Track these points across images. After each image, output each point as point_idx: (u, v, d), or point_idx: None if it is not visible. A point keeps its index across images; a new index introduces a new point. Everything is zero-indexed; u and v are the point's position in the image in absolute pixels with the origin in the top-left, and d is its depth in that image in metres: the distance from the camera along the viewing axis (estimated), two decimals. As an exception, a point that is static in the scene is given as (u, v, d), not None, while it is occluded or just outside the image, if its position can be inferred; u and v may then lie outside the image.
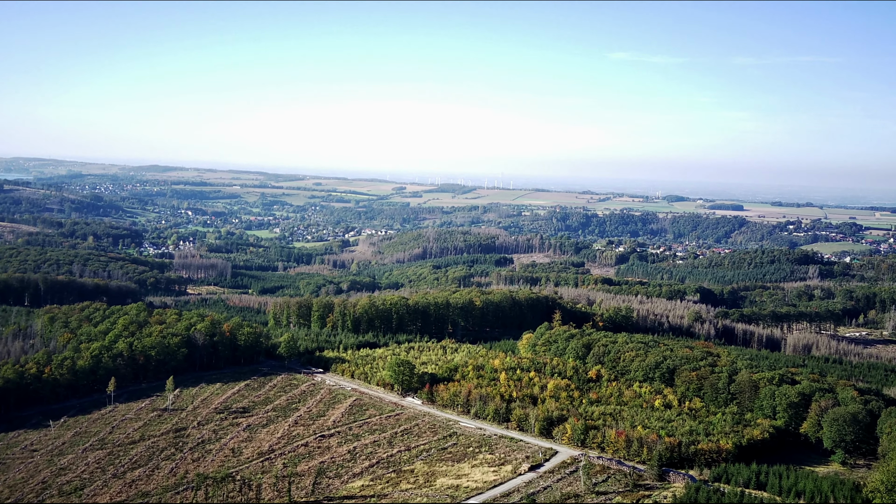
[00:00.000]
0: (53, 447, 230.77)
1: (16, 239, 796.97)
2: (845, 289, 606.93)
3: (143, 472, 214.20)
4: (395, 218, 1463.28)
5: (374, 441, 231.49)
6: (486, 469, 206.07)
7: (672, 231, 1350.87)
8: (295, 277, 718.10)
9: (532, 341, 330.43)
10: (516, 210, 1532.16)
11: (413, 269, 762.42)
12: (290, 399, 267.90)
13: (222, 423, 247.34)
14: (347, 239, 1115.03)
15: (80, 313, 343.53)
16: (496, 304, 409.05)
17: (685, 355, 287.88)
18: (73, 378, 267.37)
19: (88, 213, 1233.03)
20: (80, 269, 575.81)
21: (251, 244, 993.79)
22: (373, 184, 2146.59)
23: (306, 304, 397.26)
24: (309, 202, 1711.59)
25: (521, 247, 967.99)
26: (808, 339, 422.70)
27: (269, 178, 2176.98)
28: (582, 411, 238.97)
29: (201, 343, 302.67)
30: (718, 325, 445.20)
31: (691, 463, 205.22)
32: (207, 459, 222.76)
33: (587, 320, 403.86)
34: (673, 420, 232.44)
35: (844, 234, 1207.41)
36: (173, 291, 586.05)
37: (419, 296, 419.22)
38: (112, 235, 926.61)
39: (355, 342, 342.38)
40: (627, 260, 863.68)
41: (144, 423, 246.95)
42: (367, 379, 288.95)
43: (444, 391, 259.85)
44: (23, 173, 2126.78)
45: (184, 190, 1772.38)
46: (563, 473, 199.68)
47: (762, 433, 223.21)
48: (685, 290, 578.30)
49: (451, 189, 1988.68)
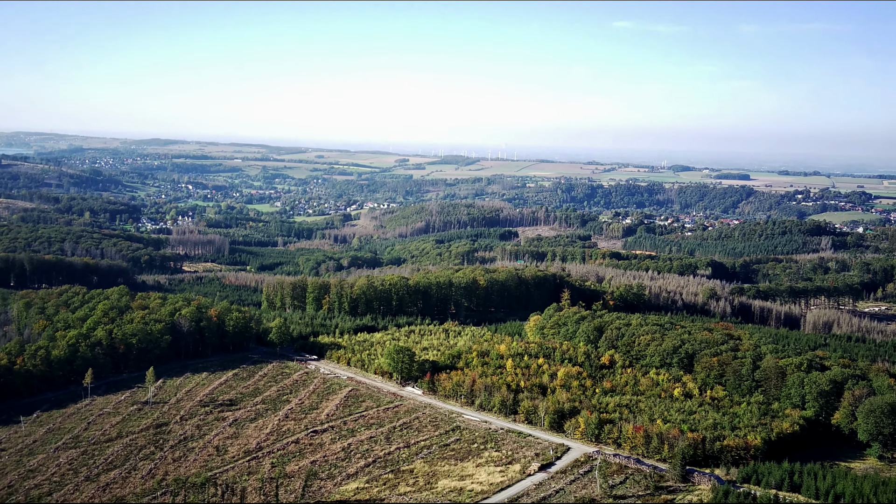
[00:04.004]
0: (23, 446, 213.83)
1: (11, 215, 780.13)
2: (861, 261, 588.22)
3: (118, 475, 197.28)
4: (397, 191, 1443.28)
5: (371, 437, 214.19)
6: (491, 469, 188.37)
7: (679, 202, 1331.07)
8: (294, 253, 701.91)
9: (540, 324, 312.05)
10: (520, 182, 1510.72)
11: (416, 244, 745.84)
12: (280, 390, 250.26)
13: (207, 417, 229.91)
14: (349, 213, 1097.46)
15: (57, 298, 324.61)
16: (501, 283, 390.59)
17: (704, 339, 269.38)
18: (48, 369, 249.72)
19: (87, 188, 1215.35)
20: (71, 247, 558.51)
21: (251, 219, 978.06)
22: (375, 156, 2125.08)
23: (301, 285, 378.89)
24: (311, 175, 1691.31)
25: (526, 220, 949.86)
26: (828, 317, 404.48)
27: (270, 151, 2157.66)
28: (595, 403, 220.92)
29: (186, 329, 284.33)
30: (734, 302, 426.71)
31: (716, 461, 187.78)
32: (189, 459, 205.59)
33: (597, 299, 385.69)
34: (695, 412, 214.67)
35: (854, 204, 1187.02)
36: (168, 269, 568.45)
37: (420, 275, 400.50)
38: (109, 211, 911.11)
39: (352, 326, 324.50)
40: (635, 232, 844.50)
41: (123, 418, 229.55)
42: (364, 366, 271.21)
43: (447, 380, 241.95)
44: (23, 148, 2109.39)
45: (184, 163, 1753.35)
46: (577, 474, 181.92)
47: (792, 426, 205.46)
48: (696, 265, 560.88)
49: (454, 161, 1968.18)
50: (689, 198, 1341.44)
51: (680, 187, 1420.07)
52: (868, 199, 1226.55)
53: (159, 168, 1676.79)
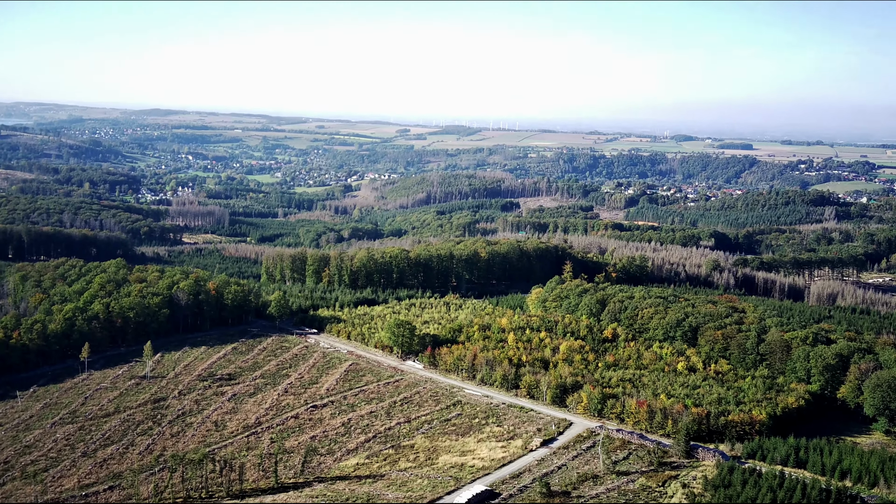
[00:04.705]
0: (20, 421, 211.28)
1: (10, 186, 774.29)
2: (865, 232, 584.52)
3: (115, 450, 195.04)
4: (398, 161, 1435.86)
5: (371, 412, 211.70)
6: (493, 444, 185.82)
7: (681, 172, 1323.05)
8: (295, 224, 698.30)
9: (542, 297, 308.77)
10: (522, 152, 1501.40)
11: (416, 216, 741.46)
12: (280, 364, 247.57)
13: (205, 392, 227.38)
14: (350, 183, 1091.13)
15: (54, 271, 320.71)
16: (503, 255, 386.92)
17: (708, 312, 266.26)
18: (45, 343, 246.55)
19: (87, 159, 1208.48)
20: (70, 218, 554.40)
21: (251, 190, 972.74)
22: (376, 126, 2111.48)
23: (301, 258, 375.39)
24: (311, 146, 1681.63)
25: (528, 190, 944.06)
26: (832, 288, 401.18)
27: (271, 122, 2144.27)
28: (598, 377, 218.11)
29: (185, 303, 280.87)
30: (738, 273, 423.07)
31: (721, 436, 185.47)
32: (187, 434, 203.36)
33: (599, 271, 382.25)
34: (699, 386, 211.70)
35: (857, 174, 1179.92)
36: (168, 241, 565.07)
37: (421, 248, 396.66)
38: (109, 182, 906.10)
39: (352, 299, 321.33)
40: (637, 203, 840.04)
41: (120, 392, 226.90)
42: (364, 340, 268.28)
43: (448, 355, 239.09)
44: (23, 118, 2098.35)
45: (185, 134, 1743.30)
46: (580, 449, 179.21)
47: (797, 400, 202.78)
48: (699, 235, 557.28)
49: (455, 131, 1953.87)
50: (692, 168, 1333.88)
51: (682, 157, 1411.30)
52: (872, 169, 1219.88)
53: (159, 138, 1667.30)
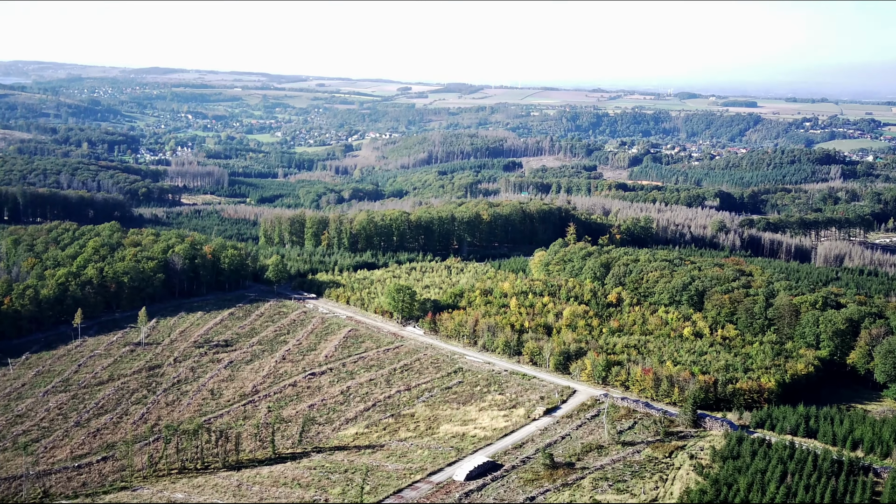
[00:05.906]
0: (11, 390, 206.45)
1: (8, 146, 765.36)
2: (872, 191, 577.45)
3: (109, 420, 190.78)
4: (399, 120, 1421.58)
5: (370, 379, 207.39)
6: (495, 413, 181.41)
7: (685, 130, 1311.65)
8: (295, 185, 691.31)
9: (545, 260, 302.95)
10: (525, 110, 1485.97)
11: (418, 176, 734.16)
12: (278, 330, 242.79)
13: (201, 359, 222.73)
14: (350, 143, 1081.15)
15: (46, 235, 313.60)
16: (505, 217, 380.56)
17: (715, 275, 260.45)
18: (37, 309, 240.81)
19: (86, 119, 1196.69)
20: (67, 179, 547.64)
21: (251, 149, 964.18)
22: (377, 84, 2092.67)
23: (299, 220, 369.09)
24: (312, 104, 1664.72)
25: (531, 150, 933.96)
26: (839, 249, 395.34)
27: (271, 80, 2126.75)
28: (602, 343, 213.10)
29: (180, 267, 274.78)
30: (744, 234, 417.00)
31: (729, 405, 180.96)
32: (183, 403, 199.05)
33: (603, 232, 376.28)
34: (706, 352, 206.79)
35: (863, 131, 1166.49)
36: (166, 202, 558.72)
37: (422, 210, 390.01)
38: (108, 142, 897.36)
39: (352, 263, 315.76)
40: (641, 162, 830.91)
41: (114, 360, 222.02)
42: (364, 305, 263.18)
43: (449, 320, 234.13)
44: (22, 77, 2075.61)
45: (184, 93, 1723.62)
46: (584, 418, 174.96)
47: (807, 367, 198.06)
48: (704, 195, 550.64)
49: (457, 89, 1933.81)
50: (696, 126, 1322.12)
51: (686, 115, 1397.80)
52: (877, 127, 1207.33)
53: (159, 97, 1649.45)
